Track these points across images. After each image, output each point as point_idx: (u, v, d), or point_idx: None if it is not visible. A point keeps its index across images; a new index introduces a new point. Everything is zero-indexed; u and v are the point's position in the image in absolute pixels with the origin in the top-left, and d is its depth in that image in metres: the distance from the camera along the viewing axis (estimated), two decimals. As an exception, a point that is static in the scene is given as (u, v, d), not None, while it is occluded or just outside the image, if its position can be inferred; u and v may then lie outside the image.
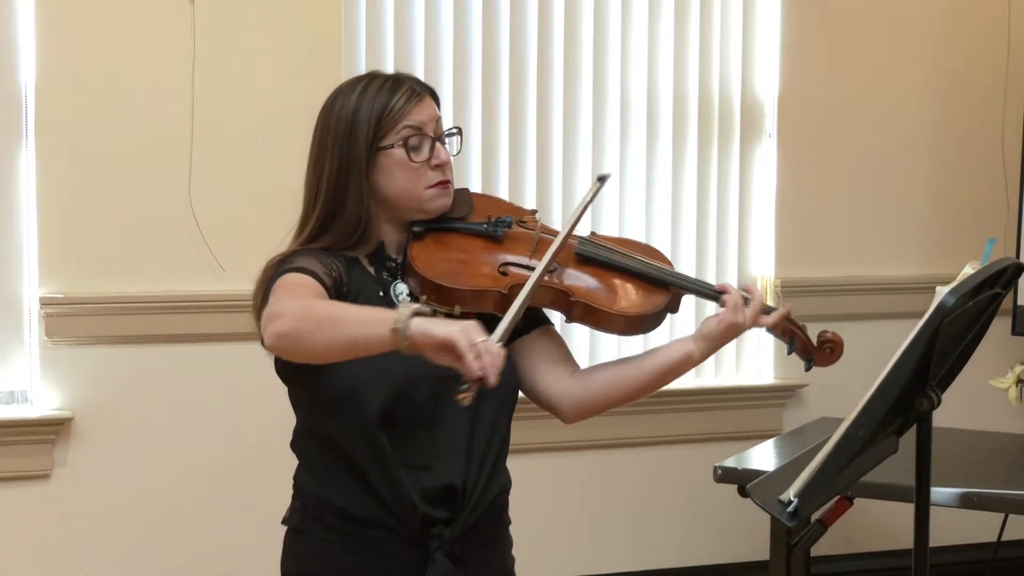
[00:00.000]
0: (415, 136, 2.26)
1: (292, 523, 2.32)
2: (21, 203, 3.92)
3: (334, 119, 2.28)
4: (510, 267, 2.30)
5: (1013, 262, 2.20)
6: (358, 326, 2.02)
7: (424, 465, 2.22)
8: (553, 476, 4.47)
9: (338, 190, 2.25)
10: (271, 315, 2.09)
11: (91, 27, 3.92)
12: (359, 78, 2.33)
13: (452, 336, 1.94)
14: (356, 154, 2.25)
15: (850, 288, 4.73)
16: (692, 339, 2.36)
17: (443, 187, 2.29)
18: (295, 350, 2.08)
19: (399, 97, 2.26)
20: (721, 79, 4.58)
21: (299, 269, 2.19)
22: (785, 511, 2.02)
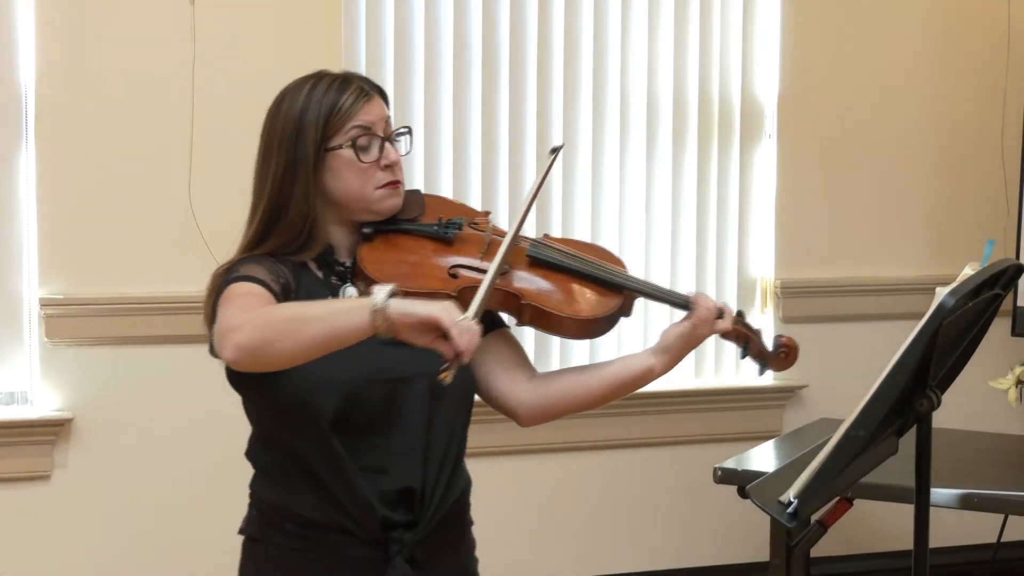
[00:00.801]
0: (364, 136, 2.24)
1: (250, 532, 2.30)
2: (21, 203, 3.92)
3: (281, 120, 2.25)
4: (460, 269, 2.27)
5: (1013, 263, 2.20)
6: (331, 319, 2.00)
7: (380, 468, 2.20)
8: (553, 477, 4.47)
9: (283, 192, 2.22)
10: (226, 329, 2.06)
11: (91, 27, 3.92)
12: (306, 78, 2.30)
13: (435, 314, 1.94)
14: (303, 155, 2.22)
15: (850, 288, 4.73)
16: (653, 353, 2.34)
17: (393, 187, 2.27)
18: (260, 360, 2.04)
19: (347, 96, 2.24)
20: (721, 80, 4.58)
21: (245, 278, 2.16)
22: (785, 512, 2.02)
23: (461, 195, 4.27)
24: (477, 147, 4.32)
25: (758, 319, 4.68)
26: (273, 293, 2.16)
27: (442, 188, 4.26)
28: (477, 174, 4.33)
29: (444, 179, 4.28)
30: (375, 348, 2.16)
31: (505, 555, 4.39)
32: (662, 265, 4.54)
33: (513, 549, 4.41)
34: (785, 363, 2.46)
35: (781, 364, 2.46)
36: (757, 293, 4.69)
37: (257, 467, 2.30)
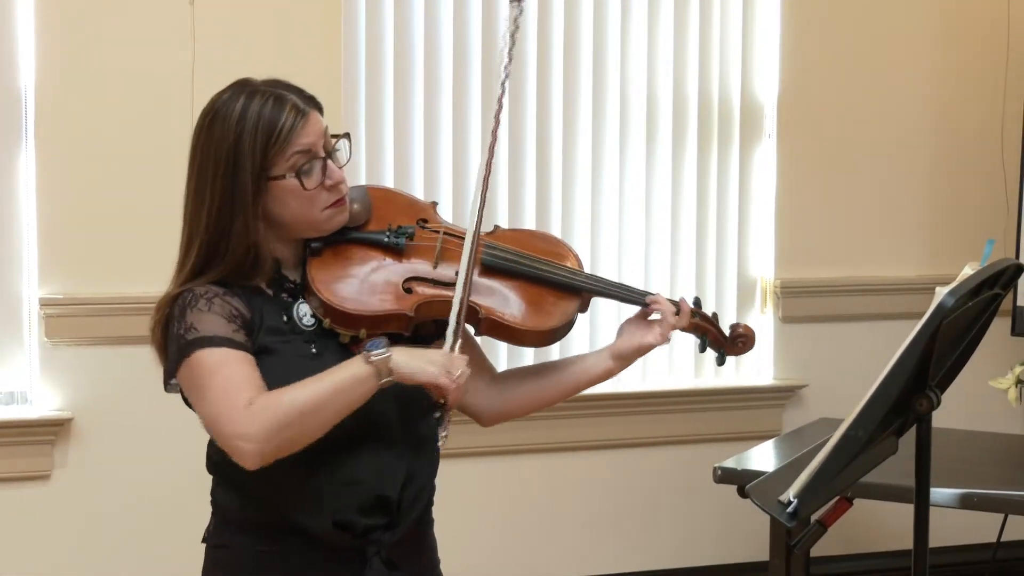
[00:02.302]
0: (306, 163, 2.15)
1: (217, 540, 2.27)
2: (21, 203, 3.92)
3: (214, 147, 2.15)
4: (413, 283, 2.23)
5: (1013, 263, 2.20)
6: (341, 396, 2.05)
7: (355, 480, 2.18)
8: (553, 477, 4.47)
9: (220, 225, 2.16)
10: (231, 435, 2.04)
11: (91, 27, 3.92)
12: (235, 93, 2.20)
13: (438, 379, 2.07)
14: (241, 186, 2.14)
15: (850, 288, 4.73)
16: (611, 356, 2.34)
17: (339, 205, 2.20)
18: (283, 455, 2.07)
19: (285, 118, 2.14)
20: (721, 80, 4.58)
21: (207, 342, 2.09)
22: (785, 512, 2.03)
23: (461, 196, 4.27)
24: (477, 147, 4.31)
25: (758, 319, 4.68)
26: (241, 347, 2.11)
27: (442, 189, 4.26)
28: (475, 174, 4.31)
29: (444, 179, 4.27)
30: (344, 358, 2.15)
31: (505, 555, 4.39)
32: (662, 265, 4.54)
33: (513, 549, 4.41)
34: (743, 350, 2.44)
35: (739, 351, 2.44)
36: (757, 293, 4.69)
37: (221, 478, 2.25)
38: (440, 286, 2.23)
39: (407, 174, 4.24)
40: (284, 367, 2.14)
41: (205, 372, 2.09)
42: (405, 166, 4.24)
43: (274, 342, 2.17)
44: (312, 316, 2.21)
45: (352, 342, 2.20)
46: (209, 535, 2.30)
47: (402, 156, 4.24)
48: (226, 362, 2.09)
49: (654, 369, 4.52)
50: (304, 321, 2.21)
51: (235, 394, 2.06)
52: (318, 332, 2.20)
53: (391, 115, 4.21)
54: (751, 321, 4.67)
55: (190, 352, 2.10)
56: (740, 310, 4.64)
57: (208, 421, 2.11)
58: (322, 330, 2.20)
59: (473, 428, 2.49)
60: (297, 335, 2.20)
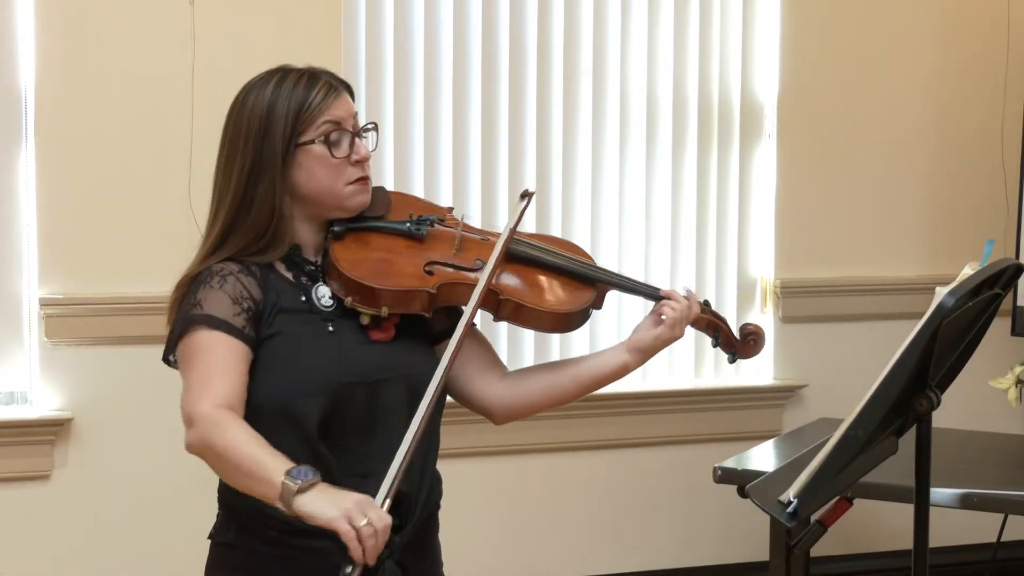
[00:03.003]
0: (335, 131, 2.22)
1: (224, 538, 2.27)
2: (21, 203, 3.92)
3: (247, 115, 2.22)
4: (436, 266, 2.27)
5: (1013, 263, 2.20)
6: (250, 479, 2.04)
7: (365, 472, 2.18)
8: (553, 477, 4.47)
9: (247, 191, 2.20)
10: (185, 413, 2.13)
11: (91, 27, 3.92)
12: (271, 73, 2.27)
13: (334, 522, 1.95)
14: (271, 151, 2.19)
15: (850, 288, 4.73)
16: (627, 350, 2.34)
17: (363, 183, 2.25)
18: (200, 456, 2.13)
19: (317, 91, 2.21)
20: (721, 80, 4.58)
21: (207, 320, 2.14)
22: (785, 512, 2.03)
23: (461, 196, 4.27)
24: (477, 147, 4.31)
25: (758, 319, 4.68)
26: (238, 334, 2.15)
27: (441, 189, 4.26)
28: (477, 174, 4.33)
29: (444, 180, 4.28)
30: (356, 349, 2.19)
31: (505, 555, 4.39)
32: (662, 265, 4.54)
33: (513, 549, 4.41)
34: (754, 350, 2.47)
35: (750, 351, 2.47)
36: (757, 293, 4.69)
37: None
38: (460, 271, 2.27)
39: (407, 174, 4.24)
40: (298, 346, 2.18)
41: (196, 350, 2.16)
42: (405, 166, 4.24)
43: (289, 322, 2.19)
44: (331, 298, 2.23)
45: (372, 323, 2.23)
46: (215, 532, 2.30)
47: (402, 156, 4.24)
48: (216, 347, 2.14)
49: (654, 369, 4.52)
50: (323, 302, 2.23)
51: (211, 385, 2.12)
52: (337, 313, 2.23)
53: (391, 115, 4.21)
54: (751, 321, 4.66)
55: (189, 328, 2.17)
56: (740, 310, 4.64)
57: (182, 393, 2.18)
58: (341, 311, 2.22)
59: (473, 428, 2.49)
60: (315, 314, 2.22)
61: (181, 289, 2.23)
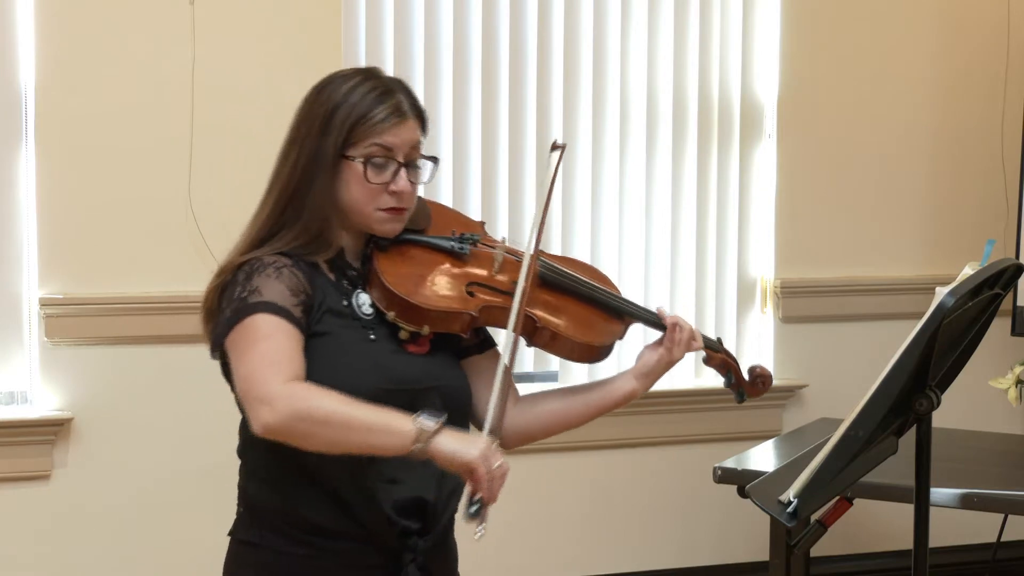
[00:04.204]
0: (381, 156, 2.20)
1: (246, 536, 2.26)
2: (21, 203, 3.91)
3: (314, 109, 2.22)
4: (476, 288, 2.27)
5: (1013, 263, 2.21)
6: (372, 435, 2.03)
7: (392, 478, 2.19)
8: (553, 477, 4.47)
9: (300, 184, 2.19)
10: (256, 397, 2.04)
11: (91, 27, 3.92)
12: (355, 72, 2.26)
13: (475, 463, 2.03)
14: (324, 153, 2.19)
15: (850, 288, 4.73)
16: (634, 376, 2.37)
17: (395, 213, 2.22)
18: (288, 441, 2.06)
19: (381, 110, 2.19)
20: (721, 80, 4.58)
21: (266, 306, 2.11)
22: (785, 512, 2.03)
23: (460, 196, 4.27)
24: (477, 147, 4.31)
25: (758, 319, 4.68)
26: (296, 324, 2.12)
27: (441, 189, 4.26)
28: (476, 175, 4.33)
29: (443, 180, 4.27)
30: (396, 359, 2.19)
31: (505, 555, 4.39)
32: (662, 265, 4.54)
33: (513, 549, 4.41)
34: (761, 391, 2.51)
35: (758, 392, 2.51)
36: (757, 293, 4.69)
37: (254, 469, 2.26)
38: (500, 295, 2.27)
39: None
40: (343, 348, 2.17)
41: (258, 335, 2.09)
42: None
43: (334, 323, 2.19)
44: (371, 306, 2.23)
45: (411, 338, 2.23)
46: (236, 530, 2.29)
47: (402, 156, 4.23)
48: (278, 333, 2.10)
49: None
50: (363, 309, 2.22)
51: (279, 365, 2.07)
52: (376, 321, 2.22)
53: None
54: (751, 321, 4.68)
55: (249, 314, 2.11)
56: (740, 310, 4.64)
57: (243, 378, 2.09)
58: (380, 321, 2.22)
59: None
60: (357, 320, 2.21)
61: (224, 275, 2.19)
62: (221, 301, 2.17)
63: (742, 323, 4.66)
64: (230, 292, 2.16)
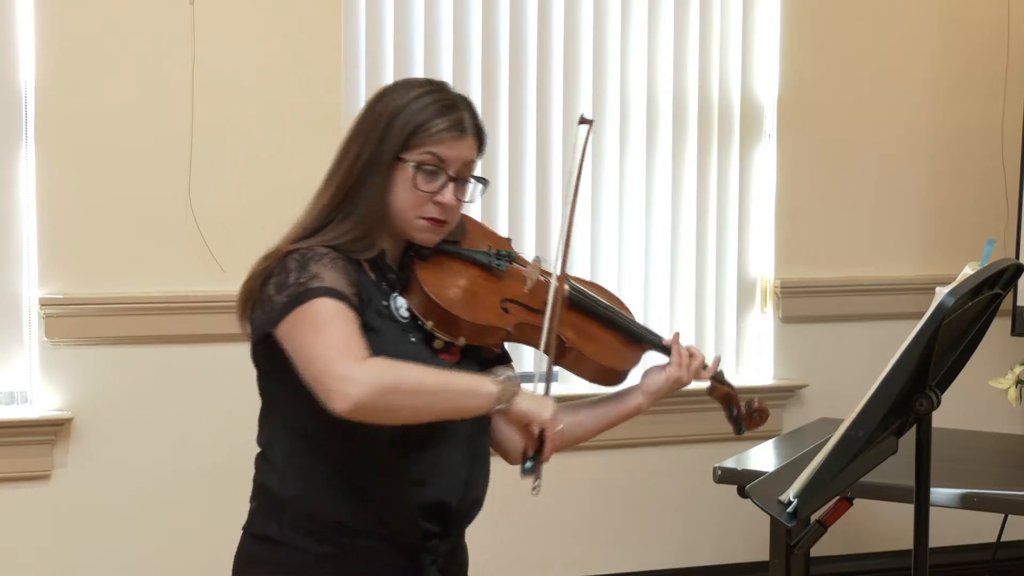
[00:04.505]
0: (433, 168, 2.22)
1: (265, 531, 2.24)
2: (21, 203, 3.91)
3: (379, 110, 2.23)
4: (510, 304, 2.30)
5: (1013, 263, 2.20)
6: (456, 398, 2.09)
7: (420, 480, 2.21)
8: (553, 477, 4.44)
9: (356, 180, 2.21)
10: (337, 376, 2.03)
11: (91, 27, 3.92)
12: (425, 81, 2.30)
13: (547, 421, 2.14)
14: (382, 153, 2.21)
15: (850, 288, 4.73)
16: (641, 393, 2.42)
17: (435, 224, 2.24)
18: (374, 418, 2.07)
19: (442, 121, 2.22)
20: (721, 80, 4.58)
21: (329, 292, 2.12)
22: (785, 512, 2.03)
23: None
24: (477, 147, 4.31)
25: (758, 319, 4.68)
26: (356, 312, 2.13)
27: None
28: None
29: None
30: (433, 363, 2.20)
31: (505, 555, 4.39)
32: (662, 265, 4.54)
33: (513, 549, 4.41)
34: (758, 424, 2.55)
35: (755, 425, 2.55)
36: (757, 293, 4.69)
37: (281, 464, 2.24)
38: (532, 313, 2.30)
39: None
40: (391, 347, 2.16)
41: (325, 317, 2.10)
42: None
43: (379, 322, 2.20)
44: (407, 310, 2.24)
45: (444, 348, 2.25)
46: (253, 524, 2.28)
47: (402, 156, 4.23)
48: (346, 316, 2.11)
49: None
50: (400, 312, 2.24)
51: (354, 344, 2.08)
52: (411, 326, 2.24)
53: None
54: (751, 321, 4.68)
55: (312, 297, 2.11)
56: (740, 310, 4.64)
57: (315, 359, 2.07)
58: (415, 326, 2.24)
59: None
60: (395, 323, 2.22)
61: (269, 261, 2.19)
62: (267, 287, 2.17)
63: (742, 323, 4.66)
64: (280, 279, 2.16)
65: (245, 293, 2.23)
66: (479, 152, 2.30)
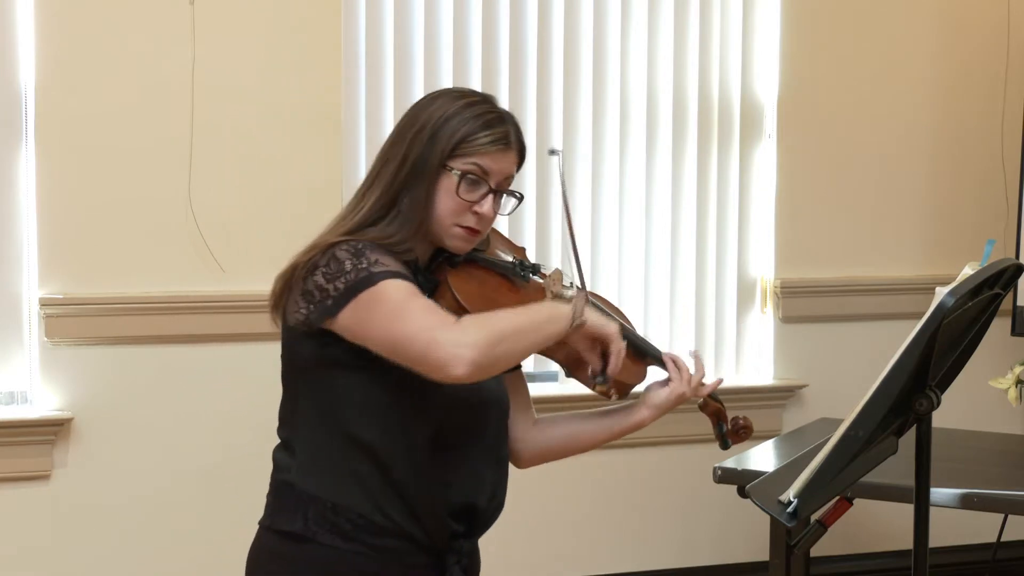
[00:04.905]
0: (477, 178, 2.23)
1: (290, 527, 2.22)
2: (21, 203, 3.91)
3: (426, 115, 2.25)
4: None
5: (1013, 263, 2.20)
6: (541, 328, 2.15)
7: (447, 481, 2.23)
8: (553, 476, 4.46)
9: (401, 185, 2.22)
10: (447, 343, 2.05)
11: (91, 27, 3.92)
12: (470, 92, 2.33)
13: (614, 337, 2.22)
14: (429, 159, 2.22)
15: (850, 288, 4.73)
16: (645, 407, 2.48)
17: (470, 233, 2.25)
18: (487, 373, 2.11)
19: (489, 134, 2.25)
20: (721, 80, 4.58)
21: (396, 274, 2.14)
22: (785, 512, 2.03)
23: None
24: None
25: (758, 319, 4.68)
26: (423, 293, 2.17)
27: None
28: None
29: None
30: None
31: (505, 555, 4.39)
32: (662, 265, 4.54)
33: (513, 549, 4.41)
34: (743, 439, 2.64)
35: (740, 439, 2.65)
36: (757, 293, 4.69)
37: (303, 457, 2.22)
38: None
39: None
40: None
41: (405, 295, 2.12)
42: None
43: None
44: None
45: None
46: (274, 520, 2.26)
47: (402, 156, 4.23)
48: (419, 295, 2.14)
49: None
50: None
51: (443, 313, 2.12)
52: None
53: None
54: (751, 321, 4.67)
55: (379, 280, 2.13)
56: (740, 310, 4.64)
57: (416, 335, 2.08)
58: None
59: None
60: None
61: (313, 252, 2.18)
62: (313, 277, 2.16)
63: (742, 323, 4.66)
64: (330, 268, 2.15)
65: (283, 284, 2.22)
66: (518, 168, 2.32)
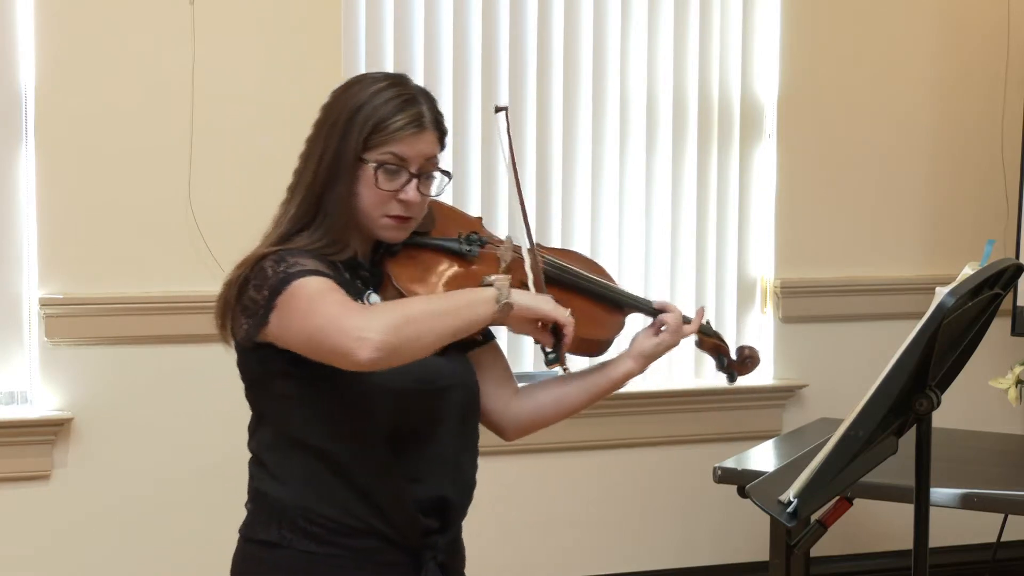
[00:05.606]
0: (394, 166, 2.20)
1: (265, 535, 2.22)
2: (21, 203, 3.92)
3: (339, 106, 2.22)
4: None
5: (1013, 263, 2.20)
6: (460, 312, 2.10)
7: (415, 476, 2.21)
8: (553, 476, 4.47)
9: (324, 182, 2.20)
10: (350, 329, 2.02)
11: (91, 27, 3.92)
12: (384, 76, 2.26)
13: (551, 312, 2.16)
14: (345, 153, 2.19)
15: (850, 288, 4.73)
16: (631, 357, 2.39)
17: (399, 222, 2.22)
18: (397, 358, 2.05)
19: (400, 119, 2.19)
20: (721, 79, 4.58)
21: (313, 272, 2.12)
22: (785, 512, 2.03)
23: (460, 197, 4.27)
24: (476, 148, 4.31)
25: (758, 319, 4.68)
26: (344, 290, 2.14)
27: (442, 188, 4.26)
28: (477, 175, 4.33)
29: (444, 179, 4.27)
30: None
31: (505, 555, 4.39)
32: (662, 265, 4.54)
33: (513, 549, 4.41)
34: (750, 369, 2.56)
35: (747, 370, 2.56)
36: (757, 293, 4.69)
37: (277, 469, 2.23)
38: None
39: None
40: None
41: (316, 290, 2.10)
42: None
43: None
44: None
45: None
46: (251, 529, 2.27)
47: (402, 156, 4.23)
48: (335, 288, 2.12)
49: (654, 369, 4.50)
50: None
51: (351, 304, 2.09)
52: None
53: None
54: (751, 321, 4.67)
55: (296, 279, 2.11)
56: (740, 310, 4.64)
57: (320, 328, 2.06)
58: None
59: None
60: None
61: (244, 267, 2.19)
62: (246, 292, 2.16)
63: (742, 323, 4.66)
64: (258, 280, 2.15)
65: (223, 303, 2.22)
66: (441, 145, 2.27)
